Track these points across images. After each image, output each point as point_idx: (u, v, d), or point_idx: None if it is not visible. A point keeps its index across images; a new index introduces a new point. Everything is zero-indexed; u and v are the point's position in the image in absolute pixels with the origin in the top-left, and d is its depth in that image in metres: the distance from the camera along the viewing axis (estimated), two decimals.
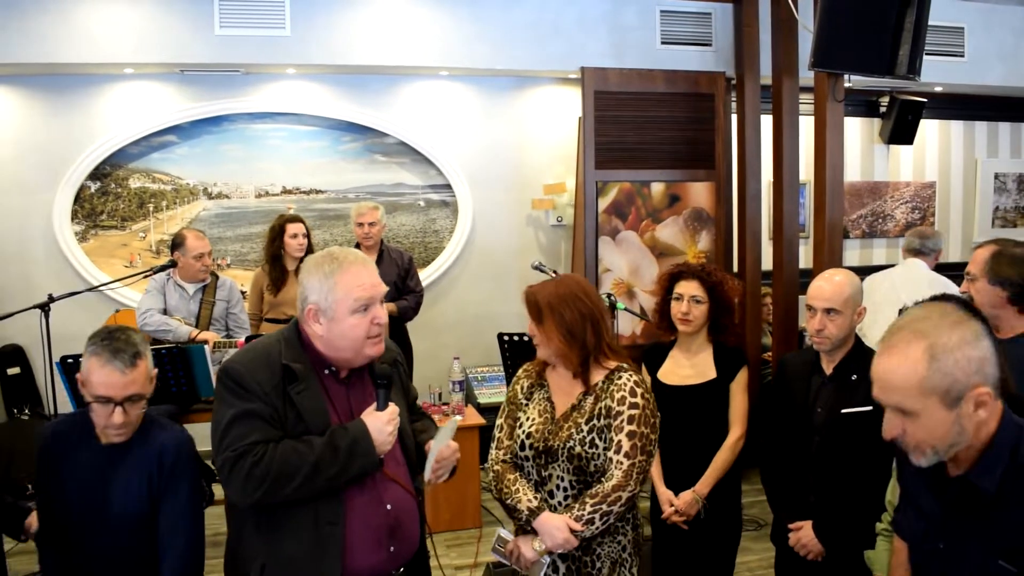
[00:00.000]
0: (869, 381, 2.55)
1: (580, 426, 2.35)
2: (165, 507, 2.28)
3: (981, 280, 2.64)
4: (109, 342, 2.19)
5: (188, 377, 3.78)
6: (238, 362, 2.02)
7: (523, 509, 2.32)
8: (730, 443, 3.02)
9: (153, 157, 5.66)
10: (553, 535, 2.27)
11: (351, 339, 2.03)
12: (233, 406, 1.96)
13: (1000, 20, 6.39)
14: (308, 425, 1.99)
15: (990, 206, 7.40)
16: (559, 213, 6.23)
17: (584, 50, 5.74)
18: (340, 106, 5.85)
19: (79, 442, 2.30)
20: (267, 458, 1.91)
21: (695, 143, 5.84)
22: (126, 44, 5.14)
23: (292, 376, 2.00)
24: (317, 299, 2.03)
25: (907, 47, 4.40)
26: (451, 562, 4.32)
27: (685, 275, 3.06)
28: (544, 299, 2.37)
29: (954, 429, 1.53)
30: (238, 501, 1.99)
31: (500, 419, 2.52)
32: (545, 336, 2.37)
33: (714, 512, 2.99)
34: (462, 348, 5.66)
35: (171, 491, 2.28)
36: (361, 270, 2.05)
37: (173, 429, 2.37)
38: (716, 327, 3.07)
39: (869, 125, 7.00)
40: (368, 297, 2.03)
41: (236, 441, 1.93)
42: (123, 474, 2.26)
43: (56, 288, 4.23)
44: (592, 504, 2.27)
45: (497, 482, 2.42)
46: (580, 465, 2.32)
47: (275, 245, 4.97)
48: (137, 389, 2.20)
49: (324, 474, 1.94)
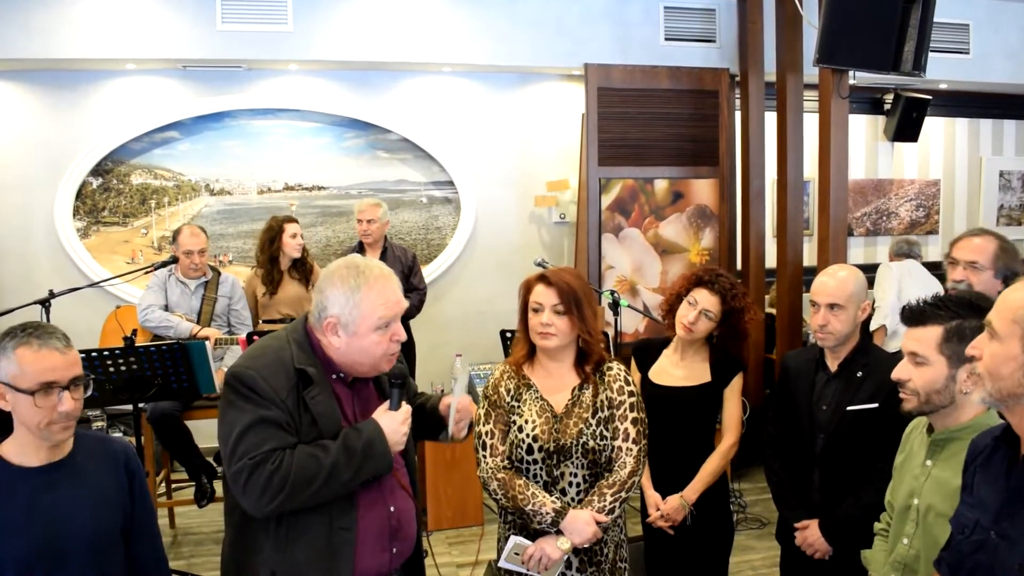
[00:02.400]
0: (874, 378, 2.58)
1: (588, 421, 2.37)
2: (145, 520, 2.07)
3: (988, 271, 2.63)
4: (32, 331, 1.91)
5: (189, 373, 3.76)
6: (251, 367, 1.94)
7: (549, 511, 2.30)
8: (722, 450, 2.93)
9: (155, 153, 5.65)
10: (582, 531, 2.29)
11: (370, 355, 1.99)
12: (247, 412, 1.90)
13: (1006, 17, 6.35)
14: (321, 430, 1.96)
15: (995, 204, 7.37)
16: (562, 210, 6.21)
17: (588, 46, 5.71)
18: (343, 102, 5.83)
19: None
20: (284, 465, 1.86)
21: (699, 140, 5.82)
22: (128, 39, 5.12)
23: (307, 380, 1.96)
24: (339, 312, 1.96)
25: (912, 43, 4.38)
26: (453, 560, 4.31)
27: (710, 285, 2.89)
28: (577, 288, 2.37)
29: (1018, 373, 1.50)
30: (254, 511, 1.91)
31: (486, 425, 2.43)
32: (568, 326, 2.36)
33: (705, 516, 2.91)
34: (465, 345, 5.65)
35: (142, 503, 2.07)
36: (386, 286, 2.00)
37: (114, 439, 2.14)
38: (718, 345, 2.95)
39: (873, 122, 6.98)
40: (392, 316, 2.00)
41: (253, 449, 1.87)
42: (77, 493, 1.93)
43: (58, 285, 4.21)
44: (612, 494, 2.34)
45: (505, 490, 2.36)
46: (594, 459, 2.36)
47: (274, 247, 4.92)
48: (79, 371, 1.94)
49: (341, 477, 1.91)
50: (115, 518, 1.99)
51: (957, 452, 1.94)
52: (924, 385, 1.95)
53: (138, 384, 3.69)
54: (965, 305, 1.95)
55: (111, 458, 2.02)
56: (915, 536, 2.02)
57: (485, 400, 2.48)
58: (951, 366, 1.92)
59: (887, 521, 2.22)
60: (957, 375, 1.92)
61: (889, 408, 2.46)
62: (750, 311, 2.91)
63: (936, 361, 1.93)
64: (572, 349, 2.44)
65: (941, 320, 1.94)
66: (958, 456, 1.93)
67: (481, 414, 2.47)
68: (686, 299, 2.93)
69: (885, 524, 2.23)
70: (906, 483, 2.09)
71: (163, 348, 3.72)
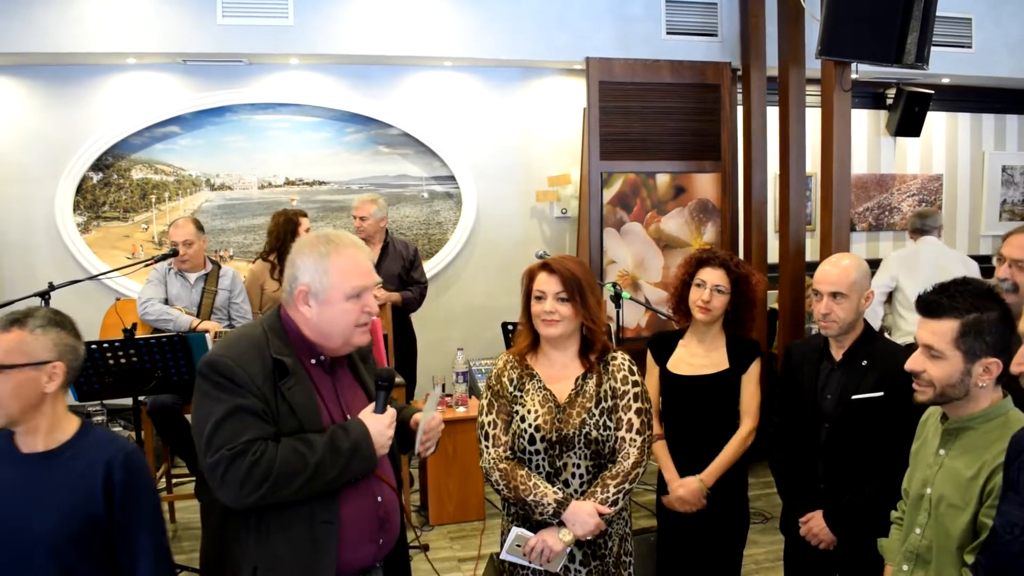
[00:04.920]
0: (879, 367, 2.57)
1: (591, 411, 2.34)
2: (127, 534, 1.93)
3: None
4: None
5: (189, 366, 3.75)
6: (225, 355, 1.90)
7: (551, 502, 2.28)
8: (741, 436, 2.94)
9: (155, 148, 5.63)
10: (585, 522, 2.27)
11: (341, 325, 1.97)
12: (222, 401, 1.85)
13: (1009, 11, 6.33)
14: (301, 420, 1.92)
15: (997, 199, 7.34)
16: (564, 205, 6.19)
17: (589, 40, 5.69)
18: (343, 96, 5.82)
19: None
20: (267, 458, 1.82)
21: (701, 134, 5.80)
22: (128, 34, 5.10)
23: (283, 370, 1.92)
24: (309, 281, 1.95)
25: (915, 35, 4.37)
26: (455, 554, 4.30)
27: (711, 262, 2.93)
28: (580, 276, 2.36)
29: None
30: (232, 503, 1.86)
31: (489, 416, 2.42)
32: (571, 313, 2.35)
33: (722, 505, 2.92)
34: (466, 340, 5.64)
35: (131, 516, 1.93)
36: (357, 254, 2.00)
37: (118, 441, 1.99)
38: (734, 320, 2.97)
39: (876, 117, 6.95)
40: (363, 285, 1.98)
41: (231, 439, 1.82)
42: (50, 489, 1.88)
43: (58, 279, 4.19)
44: (615, 485, 2.31)
45: (507, 480, 2.34)
46: (597, 449, 2.34)
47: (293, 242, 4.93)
48: (48, 356, 1.88)
49: (325, 476, 1.88)
50: (68, 524, 1.87)
51: (971, 442, 1.92)
52: (939, 379, 1.90)
53: (138, 376, 3.68)
54: (983, 295, 1.89)
55: (90, 462, 1.91)
56: (927, 526, 1.99)
57: (488, 390, 2.46)
58: (967, 361, 1.87)
59: (903, 509, 2.18)
60: (973, 370, 1.87)
61: (895, 396, 2.44)
62: (754, 275, 2.97)
63: (952, 356, 1.88)
64: (576, 338, 2.42)
65: (958, 313, 1.87)
66: (972, 446, 1.91)
67: (484, 404, 2.45)
68: (693, 283, 2.95)
69: (901, 512, 2.20)
70: (920, 472, 2.06)
71: (163, 340, 3.71)
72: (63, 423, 1.95)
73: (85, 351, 2.05)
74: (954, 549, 1.89)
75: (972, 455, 1.90)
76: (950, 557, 1.90)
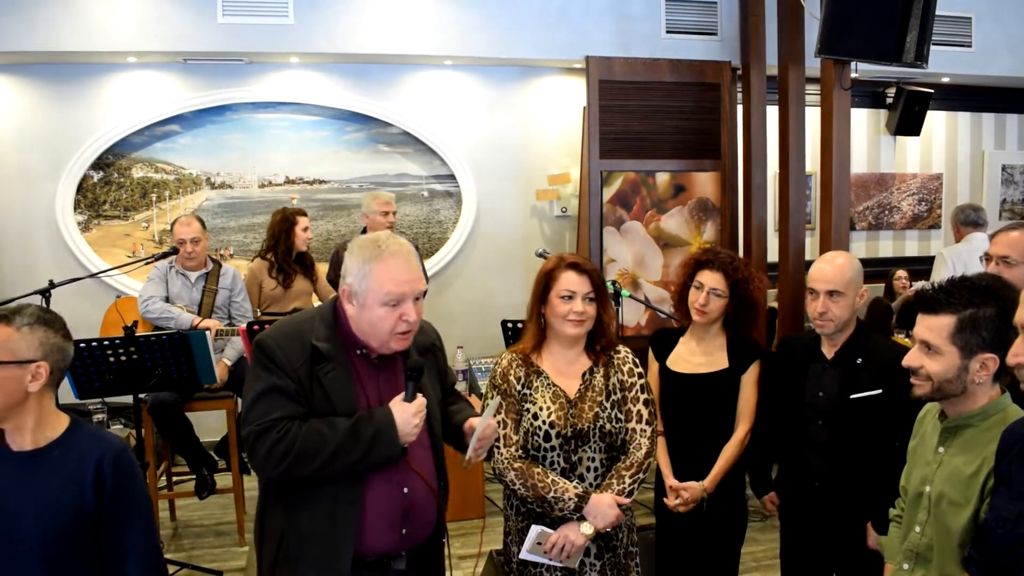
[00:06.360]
0: (874, 365, 2.57)
1: (603, 404, 2.39)
2: (116, 532, 1.92)
3: (1020, 266, 2.60)
4: None
5: (190, 364, 3.75)
6: (272, 335, 2.03)
7: (571, 497, 2.30)
8: (738, 439, 2.92)
9: (156, 147, 5.64)
10: (606, 514, 2.31)
11: (377, 330, 2.02)
12: (261, 379, 1.98)
13: (1009, 10, 6.33)
14: (335, 405, 2.00)
15: (997, 198, 7.35)
16: (564, 203, 6.20)
17: (589, 39, 5.70)
18: (344, 95, 5.83)
19: None
20: (290, 436, 1.93)
21: (700, 133, 5.81)
22: (129, 32, 5.12)
23: (320, 357, 2.00)
24: (352, 281, 2.02)
25: (915, 34, 4.37)
26: (455, 552, 4.30)
27: (710, 265, 2.90)
28: (600, 275, 2.44)
29: None
30: (259, 474, 2.03)
31: (497, 416, 2.40)
32: (595, 312, 2.40)
33: (719, 505, 2.92)
34: (466, 338, 5.63)
35: (120, 514, 1.91)
36: (400, 264, 2.01)
37: (108, 439, 1.97)
38: (735, 321, 2.95)
39: (875, 116, 6.96)
40: (399, 294, 2.00)
41: (261, 416, 1.95)
42: (39, 487, 1.87)
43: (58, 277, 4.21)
44: (631, 476, 2.36)
45: (524, 479, 2.32)
46: (611, 442, 2.38)
47: (290, 239, 4.96)
48: (32, 355, 1.86)
49: (344, 459, 1.95)
50: (57, 521, 1.86)
51: (970, 439, 1.92)
52: (936, 374, 1.91)
53: (139, 374, 3.68)
54: (980, 291, 1.90)
55: (80, 458, 1.89)
56: (927, 524, 1.99)
57: (494, 389, 2.45)
58: (963, 356, 1.88)
59: (901, 507, 2.18)
60: (970, 365, 1.88)
61: (894, 393, 2.45)
62: (754, 279, 2.92)
63: (948, 351, 1.89)
64: (586, 334, 2.46)
65: (955, 309, 1.88)
66: (971, 443, 1.91)
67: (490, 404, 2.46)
68: (692, 285, 2.95)
69: (899, 510, 2.20)
70: (919, 470, 2.06)
71: (163, 338, 3.71)
72: (51, 421, 1.93)
73: (74, 351, 2.04)
74: (955, 547, 1.88)
75: (972, 452, 1.90)
76: (951, 555, 1.89)
